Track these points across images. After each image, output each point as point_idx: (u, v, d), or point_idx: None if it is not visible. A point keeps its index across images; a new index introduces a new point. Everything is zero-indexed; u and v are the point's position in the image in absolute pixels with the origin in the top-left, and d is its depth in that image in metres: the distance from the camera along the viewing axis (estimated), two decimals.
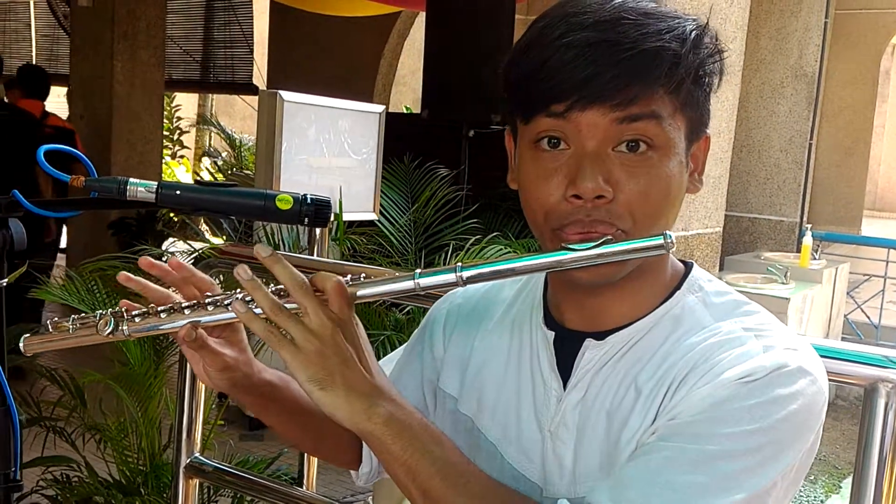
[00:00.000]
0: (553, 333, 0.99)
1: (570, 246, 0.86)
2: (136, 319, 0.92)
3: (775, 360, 0.85)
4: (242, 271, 0.85)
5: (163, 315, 0.91)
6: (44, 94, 6.11)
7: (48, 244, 5.89)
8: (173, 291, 0.99)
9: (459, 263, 0.87)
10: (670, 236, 0.84)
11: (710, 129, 0.96)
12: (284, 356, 0.84)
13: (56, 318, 0.98)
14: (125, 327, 0.92)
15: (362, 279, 0.88)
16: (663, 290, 0.96)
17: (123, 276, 0.98)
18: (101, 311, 0.94)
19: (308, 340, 0.83)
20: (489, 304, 1.09)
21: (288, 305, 0.86)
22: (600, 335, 0.95)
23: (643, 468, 0.84)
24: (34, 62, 11.88)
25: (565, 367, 0.97)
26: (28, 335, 0.97)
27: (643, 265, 0.92)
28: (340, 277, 0.87)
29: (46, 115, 6.06)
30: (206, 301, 0.91)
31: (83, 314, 0.95)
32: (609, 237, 0.87)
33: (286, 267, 0.86)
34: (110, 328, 0.92)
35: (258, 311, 0.86)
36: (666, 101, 0.88)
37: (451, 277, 0.87)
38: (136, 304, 0.95)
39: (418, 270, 0.88)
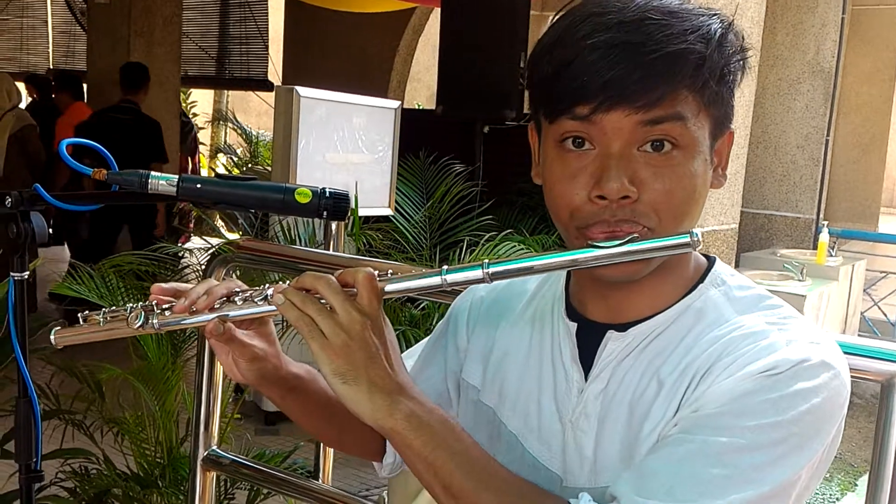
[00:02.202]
0: (575, 325, 1.00)
1: (597, 243, 0.87)
2: (167, 313, 0.94)
3: (799, 354, 0.85)
4: (276, 286, 0.90)
5: (192, 309, 0.93)
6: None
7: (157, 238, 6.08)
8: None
9: (486, 260, 0.88)
10: (696, 234, 0.85)
11: None
12: (313, 347, 0.86)
13: (87, 311, 0.99)
14: (155, 321, 0.94)
15: (389, 275, 0.90)
16: (686, 284, 0.97)
17: (158, 288, 0.99)
18: (131, 304, 0.95)
19: (336, 334, 0.86)
20: (511, 296, 1.10)
21: None
22: (622, 327, 0.96)
23: (666, 460, 0.85)
24: (51, 59, 11.96)
25: (586, 359, 0.98)
26: (59, 328, 0.99)
27: (668, 260, 0.92)
28: (373, 270, 0.89)
29: None
30: (235, 297, 0.93)
31: (114, 307, 0.96)
32: (635, 235, 0.88)
33: (311, 273, 0.89)
34: (140, 321, 0.94)
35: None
36: (690, 101, 0.88)
37: (477, 274, 0.88)
38: (167, 298, 0.97)
39: (445, 267, 0.89)
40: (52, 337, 0.99)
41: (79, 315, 0.99)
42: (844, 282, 5.80)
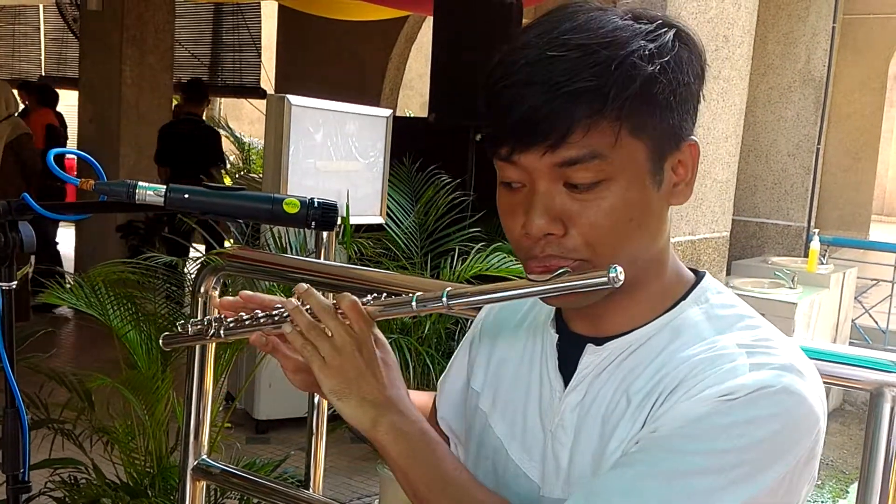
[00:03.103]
0: (558, 336, 1.01)
1: (529, 277, 0.92)
2: (231, 326, 1.06)
3: (758, 380, 0.84)
4: (289, 303, 0.98)
5: (247, 323, 1.04)
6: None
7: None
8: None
9: (449, 288, 0.96)
10: (615, 270, 0.85)
11: (718, 133, 0.96)
12: (314, 369, 0.95)
13: (182, 321, 1.15)
14: (222, 332, 1.06)
15: (384, 297, 0.99)
16: (667, 300, 0.96)
17: (222, 303, 1.11)
18: (209, 317, 1.09)
19: (332, 356, 0.94)
20: (516, 307, 1.11)
21: None
22: (601, 341, 0.96)
23: (617, 479, 0.85)
24: (43, 66, 11.93)
25: (569, 370, 0.98)
26: (167, 333, 1.15)
27: (638, 277, 0.92)
28: (355, 298, 0.97)
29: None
30: (275, 313, 1.02)
31: (198, 319, 1.11)
32: (566, 269, 0.89)
33: (314, 295, 0.97)
34: (213, 332, 1.07)
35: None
36: (608, 133, 0.86)
37: (439, 304, 0.96)
38: (231, 313, 1.08)
39: (417, 293, 0.97)
40: (160, 341, 1.15)
41: (177, 324, 1.14)
42: (835, 289, 5.81)
